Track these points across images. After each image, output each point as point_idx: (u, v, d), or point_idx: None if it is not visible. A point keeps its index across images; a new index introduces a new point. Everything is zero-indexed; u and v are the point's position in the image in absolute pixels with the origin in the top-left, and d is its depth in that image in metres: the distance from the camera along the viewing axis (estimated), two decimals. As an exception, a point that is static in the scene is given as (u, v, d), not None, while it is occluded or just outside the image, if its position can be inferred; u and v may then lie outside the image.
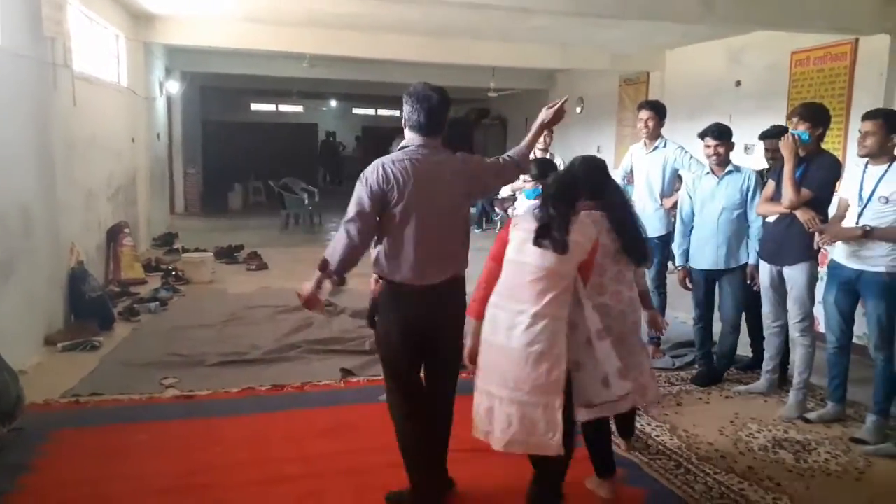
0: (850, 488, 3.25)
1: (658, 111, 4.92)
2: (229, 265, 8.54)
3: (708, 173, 4.47)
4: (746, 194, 4.34)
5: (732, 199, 4.39)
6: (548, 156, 5.81)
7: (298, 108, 24.81)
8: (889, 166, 3.60)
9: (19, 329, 4.60)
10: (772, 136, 4.41)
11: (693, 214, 4.57)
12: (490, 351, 2.72)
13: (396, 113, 25.54)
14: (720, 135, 4.36)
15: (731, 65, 8.97)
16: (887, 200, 3.57)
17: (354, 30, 9.29)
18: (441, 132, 2.94)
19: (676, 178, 5.25)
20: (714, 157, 4.38)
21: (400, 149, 2.90)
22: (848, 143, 7.01)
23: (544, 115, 3.05)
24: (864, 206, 3.65)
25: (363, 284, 7.05)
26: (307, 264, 7.98)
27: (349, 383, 4.51)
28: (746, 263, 4.45)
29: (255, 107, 23.75)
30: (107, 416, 3.91)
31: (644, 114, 4.93)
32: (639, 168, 5.10)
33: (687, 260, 4.61)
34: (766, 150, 4.61)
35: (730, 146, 4.40)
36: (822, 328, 4.19)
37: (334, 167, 23.20)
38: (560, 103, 3.04)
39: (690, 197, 4.57)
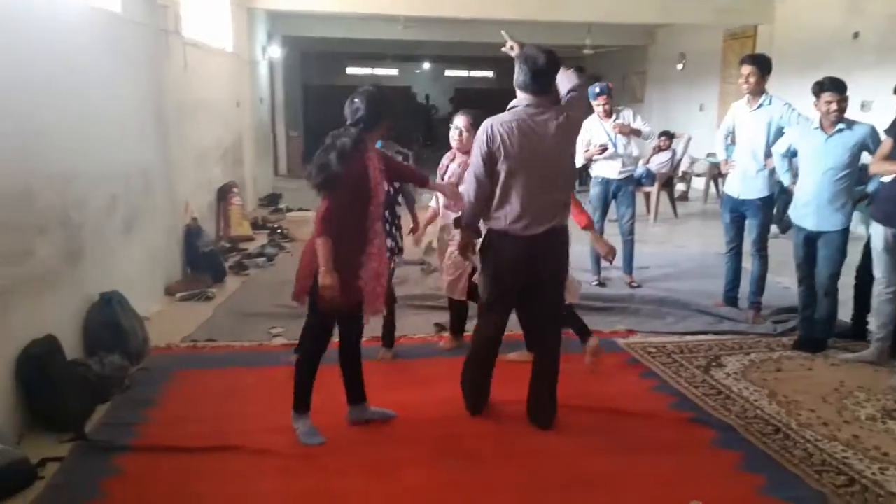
0: (965, 461, 3.10)
1: (761, 65, 4.68)
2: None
3: (816, 128, 4.24)
4: (858, 152, 4.10)
5: (840, 160, 4.16)
6: (613, 118, 5.68)
7: (393, 72, 25.05)
8: None
9: (143, 279, 4.98)
10: None
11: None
12: None
13: (489, 74, 25.71)
14: (841, 88, 4.11)
15: (849, 15, 8.37)
16: None
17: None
18: (548, 91, 3.17)
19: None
20: (835, 113, 4.12)
21: (510, 109, 3.12)
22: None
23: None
24: None
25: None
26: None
27: (442, 337, 4.64)
28: (846, 228, 4.23)
29: (350, 71, 24.16)
30: (221, 360, 4.21)
31: (746, 69, 4.70)
32: (742, 127, 4.89)
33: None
34: None
35: (844, 100, 4.15)
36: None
37: (427, 129, 23.37)
38: None
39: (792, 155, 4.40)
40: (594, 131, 5.75)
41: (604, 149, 5.63)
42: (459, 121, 4.10)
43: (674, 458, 3.10)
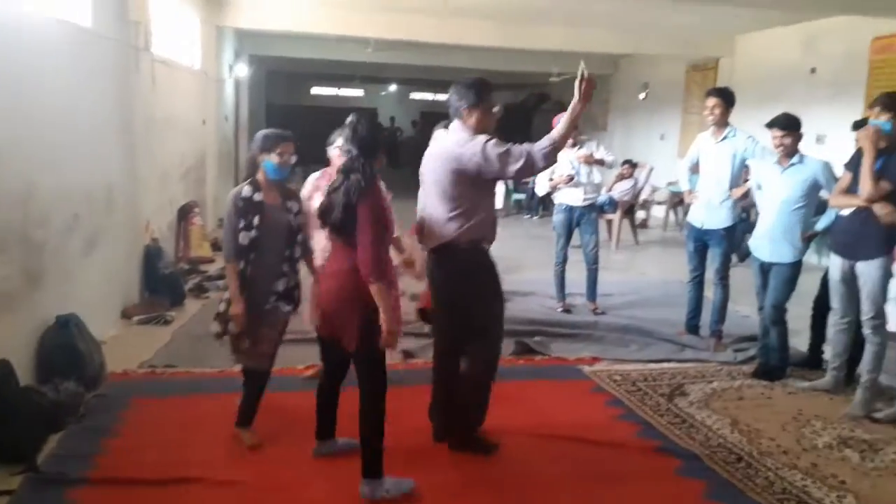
0: (919, 490, 3.18)
1: (726, 98, 4.82)
2: (293, 245, 8.75)
3: (775, 162, 4.37)
4: (810, 188, 4.23)
5: (793, 193, 4.29)
6: (576, 149, 5.77)
7: (359, 93, 25.09)
8: (975, 160, 3.46)
9: (99, 302, 4.84)
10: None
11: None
12: None
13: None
14: (787, 125, 4.26)
15: (806, 51, 8.69)
16: (971, 196, 3.44)
17: (420, 14, 9.36)
18: (458, 116, 3.26)
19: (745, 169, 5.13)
20: (781, 149, 4.28)
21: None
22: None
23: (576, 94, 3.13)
24: (946, 202, 3.53)
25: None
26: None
27: (409, 365, 4.60)
28: (798, 261, 4.35)
29: (315, 91, 24.15)
30: (181, 386, 4.11)
31: (711, 101, 4.83)
32: (706, 158, 5.01)
33: None
34: (857, 141, 4.46)
35: (797, 137, 4.29)
36: (892, 326, 4.07)
37: (392, 151, 23.43)
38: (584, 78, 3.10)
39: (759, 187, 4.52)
40: (558, 161, 5.82)
41: (570, 178, 5.70)
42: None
43: (641, 487, 3.12)
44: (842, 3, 6.50)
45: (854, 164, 3.97)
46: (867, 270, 3.89)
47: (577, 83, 3.10)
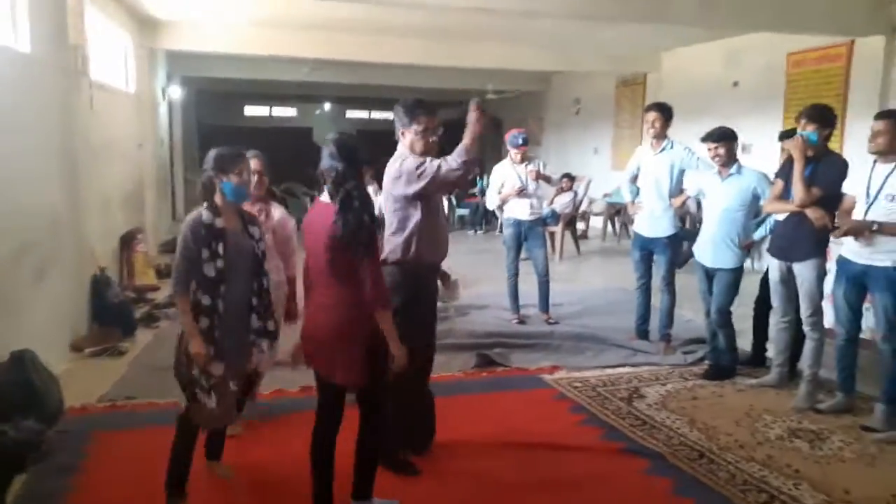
0: (864, 473, 3.42)
1: (665, 112, 5.09)
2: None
3: (716, 173, 4.64)
4: (749, 196, 4.51)
5: (732, 201, 4.57)
6: (525, 165, 5.97)
7: (292, 112, 24.92)
8: (896, 166, 3.77)
9: (48, 335, 4.68)
10: (790, 137, 4.52)
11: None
12: None
13: (390, 116, 25.94)
14: (719, 137, 4.53)
15: (728, 66, 9.18)
16: (893, 198, 3.74)
17: (356, 33, 9.43)
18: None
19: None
20: (716, 159, 4.56)
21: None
22: (844, 142, 7.20)
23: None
24: (871, 204, 3.83)
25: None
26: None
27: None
28: (739, 267, 4.62)
29: (249, 111, 23.84)
30: (144, 419, 4.01)
31: (651, 115, 5.09)
32: (647, 170, 5.25)
33: None
34: (783, 150, 4.77)
35: (731, 148, 4.56)
36: (828, 323, 4.36)
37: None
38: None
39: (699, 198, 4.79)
40: (507, 175, 6.00)
41: (521, 189, 5.87)
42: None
43: (611, 488, 3.26)
44: (758, 21, 6.92)
45: (785, 173, 4.26)
46: (803, 271, 4.17)
47: (470, 113, 3.20)
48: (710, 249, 4.63)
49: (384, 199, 3.43)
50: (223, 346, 2.91)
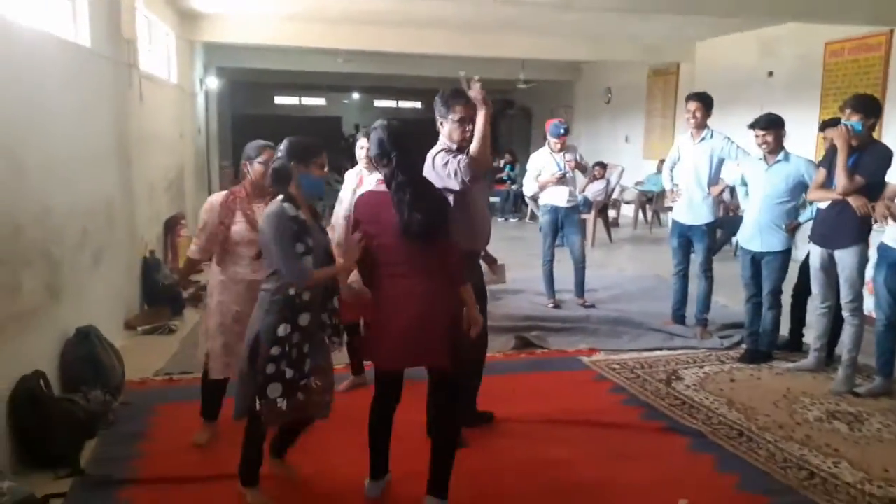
0: (904, 453, 3.50)
1: (705, 102, 5.14)
2: (276, 255, 8.82)
3: (761, 159, 4.69)
4: (795, 183, 4.55)
5: (777, 188, 4.62)
6: (563, 154, 6.02)
7: (321, 101, 25.14)
8: (939, 154, 3.82)
9: (105, 314, 4.89)
10: (833, 126, 4.55)
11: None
12: None
13: (418, 105, 26.07)
14: (767, 124, 4.58)
15: (763, 56, 9.14)
16: (936, 186, 3.79)
17: (388, 25, 9.56)
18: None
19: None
20: (764, 146, 4.60)
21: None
22: (883, 132, 7.16)
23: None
24: (914, 192, 3.88)
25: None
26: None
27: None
28: (788, 249, 4.67)
29: (279, 100, 24.10)
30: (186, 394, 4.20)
31: (692, 105, 5.14)
32: (686, 158, 5.31)
33: None
34: (825, 138, 4.79)
35: (779, 135, 4.61)
36: (867, 310, 4.41)
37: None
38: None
39: (745, 184, 4.84)
40: (545, 163, 6.09)
41: (562, 175, 5.96)
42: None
43: (655, 464, 3.37)
44: (795, 10, 6.90)
45: (828, 161, 4.31)
46: (845, 258, 4.23)
47: (469, 92, 3.13)
48: (758, 235, 4.68)
49: None
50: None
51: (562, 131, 5.99)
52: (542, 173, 6.08)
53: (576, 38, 10.54)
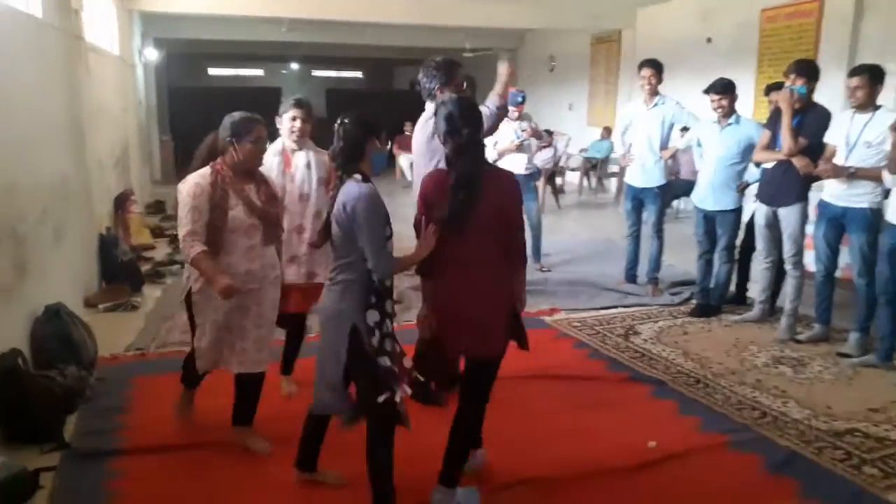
0: (843, 392, 3.83)
1: (659, 69, 5.35)
2: (229, 229, 8.73)
3: (714, 122, 4.93)
4: (747, 145, 4.82)
5: (730, 150, 4.87)
6: (519, 122, 6.18)
7: (258, 72, 24.60)
8: (873, 115, 4.11)
9: (66, 293, 4.81)
10: (778, 90, 4.81)
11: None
12: None
13: (359, 74, 25.77)
14: (722, 89, 4.82)
15: (702, 22, 9.45)
16: (870, 144, 4.09)
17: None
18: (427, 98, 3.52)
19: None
20: (719, 110, 4.84)
21: None
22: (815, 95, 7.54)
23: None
24: (851, 151, 4.17)
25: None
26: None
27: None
28: (739, 207, 4.97)
29: (213, 71, 23.46)
30: (176, 364, 4.17)
31: (647, 72, 5.33)
32: (639, 123, 5.52)
33: None
34: (770, 102, 5.04)
35: (732, 99, 4.85)
36: (807, 265, 4.74)
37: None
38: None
39: (700, 146, 5.10)
40: (503, 131, 6.22)
41: (521, 143, 6.11)
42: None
43: (625, 410, 3.60)
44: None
45: (773, 124, 4.57)
46: (789, 215, 4.53)
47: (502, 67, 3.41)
48: (711, 194, 4.94)
49: (418, 159, 3.56)
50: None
51: (519, 99, 6.08)
52: (500, 141, 6.21)
53: (520, 5, 10.63)
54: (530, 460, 3.11)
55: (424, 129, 3.49)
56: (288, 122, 3.48)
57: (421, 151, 3.52)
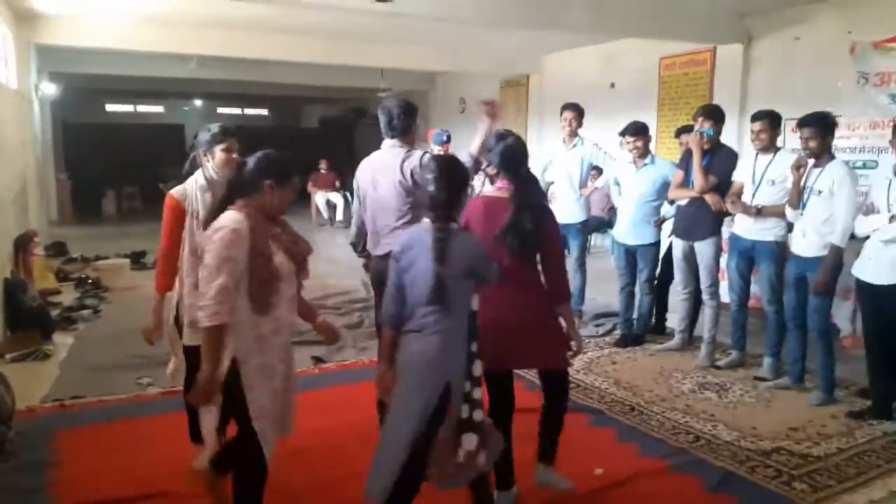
0: (764, 413, 4.10)
1: (580, 112, 5.64)
2: (139, 271, 8.37)
3: (630, 163, 5.24)
4: (662, 183, 5.13)
5: (646, 188, 5.18)
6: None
7: (159, 109, 23.84)
8: (774, 156, 4.49)
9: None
10: (687, 132, 5.19)
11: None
12: None
13: (264, 112, 25.45)
14: (636, 132, 5.14)
15: (606, 68, 10.00)
16: (773, 182, 4.46)
17: (246, 31, 9.36)
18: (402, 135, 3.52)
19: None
20: (634, 151, 5.15)
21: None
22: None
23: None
24: (757, 188, 4.53)
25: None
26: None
27: (322, 369, 4.84)
28: (658, 241, 5.27)
29: (111, 107, 22.53)
30: (100, 415, 4.00)
31: (568, 114, 5.62)
32: (559, 163, 5.78)
33: None
34: (681, 143, 5.40)
35: (647, 141, 5.18)
36: (722, 296, 5.06)
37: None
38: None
39: (618, 185, 5.36)
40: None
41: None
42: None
43: (566, 439, 3.63)
44: (639, 29, 7.68)
45: (685, 164, 4.91)
46: (703, 248, 4.85)
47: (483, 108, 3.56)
48: (632, 230, 5.22)
49: (385, 202, 3.49)
50: None
51: (444, 139, 6.29)
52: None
53: (431, 48, 10.88)
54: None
55: (392, 172, 3.43)
56: (222, 154, 3.22)
57: (389, 194, 3.45)
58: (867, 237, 3.91)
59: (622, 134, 5.19)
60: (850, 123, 6.09)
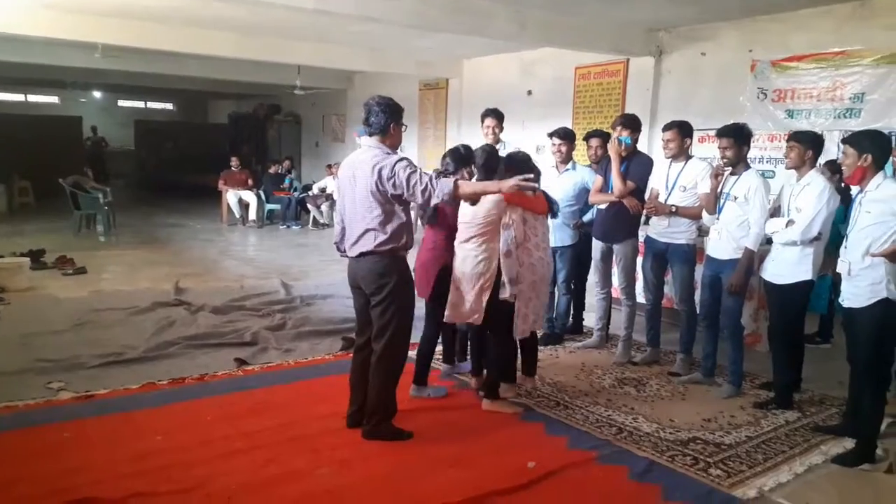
0: (680, 405, 4.34)
1: (500, 118, 5.70)
2: (38, 270, 7.88)
3: (552, 167, 5.41)
4: (582, 188, 5.33)
5: (567, 193, 5.36)
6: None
7: (53, 99, 22.51)
8: (685, 163, 4.76)
9: None
10: (598, 136, 5.42)
11: None
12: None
13: (169, 106, 24.48)
14: (563, 135, 5.32)
15: (524, 76, 10.26)
16: (685, 188, 4.73)
17: (157, 22, 9.03)
18: (379, 133, 3.56)
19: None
20: (557, 155, 5.32)
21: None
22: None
23: (507, 187, 3.44)
24: (670, 194, 4.79)
25: (201, 284, 7.18)
26: (132, 266, 7.82)
27: (246, 371, 4.74)
28: (576, 243, 5.45)
29: (-1, 96, 21.09)
30: (10, 422, 3.77)
31: (490, 121, 5.57)
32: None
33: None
34: (589, 147, 5.60)
35: (571, 146, 5.36)
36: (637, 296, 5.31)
37: (99, 164, 21.25)
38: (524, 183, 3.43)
39: None
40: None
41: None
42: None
43: (498, 434, 3.81)
44: (559, 39, 7.94)
45: (604, 170, 5.13)
46: (621, 250, 5.08)
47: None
48: (552, 233, 5.36)
49: (356, 205, 3.51)
50: None
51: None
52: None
53: (353, 48, 10.83)
54: (429, 487, 3.20)
55: (366, 176, 3.42)
56: None
57: (363, 195, 3.45)
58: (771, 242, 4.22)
59: (551, 135, 5.36)
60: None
